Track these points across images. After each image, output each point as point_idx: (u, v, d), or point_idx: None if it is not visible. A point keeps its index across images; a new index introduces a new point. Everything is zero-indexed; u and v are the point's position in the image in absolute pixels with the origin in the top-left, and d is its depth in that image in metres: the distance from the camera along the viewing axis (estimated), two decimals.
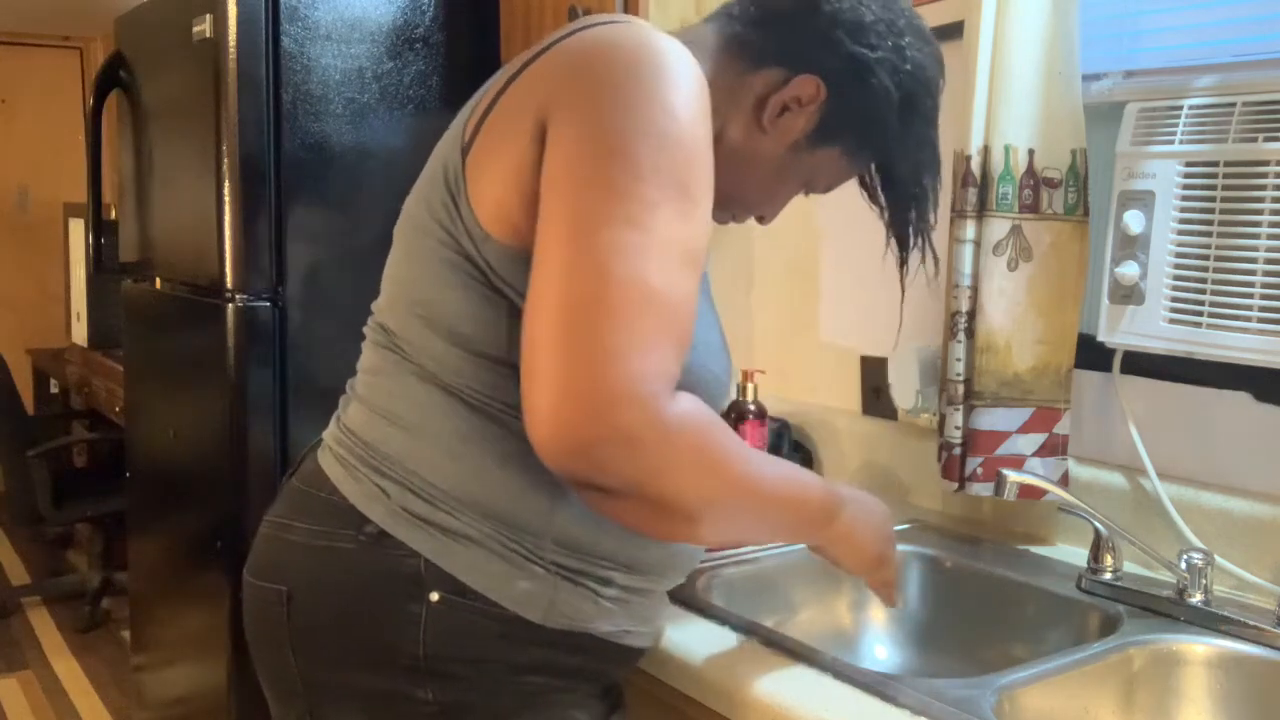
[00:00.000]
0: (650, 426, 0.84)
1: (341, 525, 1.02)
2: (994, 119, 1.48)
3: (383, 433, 1.04)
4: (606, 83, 0.91)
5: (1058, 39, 1.45)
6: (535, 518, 1.00)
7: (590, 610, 1.03)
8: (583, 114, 0.91)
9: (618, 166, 0.88)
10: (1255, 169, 1.27)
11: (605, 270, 0.85)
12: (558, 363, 0.84)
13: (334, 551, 1.02)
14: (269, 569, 1.08)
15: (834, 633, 1.50)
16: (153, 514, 2.51)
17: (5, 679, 3.58)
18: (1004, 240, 1.49)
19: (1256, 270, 1.28)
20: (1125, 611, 1.29)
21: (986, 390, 1.51)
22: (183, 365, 2.26)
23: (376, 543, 1.00)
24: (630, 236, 0.86)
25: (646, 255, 0.86)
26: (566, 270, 0.86)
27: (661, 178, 0.88)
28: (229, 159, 2.00)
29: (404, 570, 0.99)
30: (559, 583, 1.01)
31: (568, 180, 0.90)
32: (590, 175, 0.89)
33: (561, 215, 0.88)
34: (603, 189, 0.88)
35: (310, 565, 1.04)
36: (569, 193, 0.89)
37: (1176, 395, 1.45)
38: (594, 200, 0.88)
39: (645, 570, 1.07)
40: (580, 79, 0.93)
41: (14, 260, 5.62)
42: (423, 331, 1.02)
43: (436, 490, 1.00)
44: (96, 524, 4.01)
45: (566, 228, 0.88)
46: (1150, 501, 1.44)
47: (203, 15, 2.03)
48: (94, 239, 2.55)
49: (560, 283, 0.86)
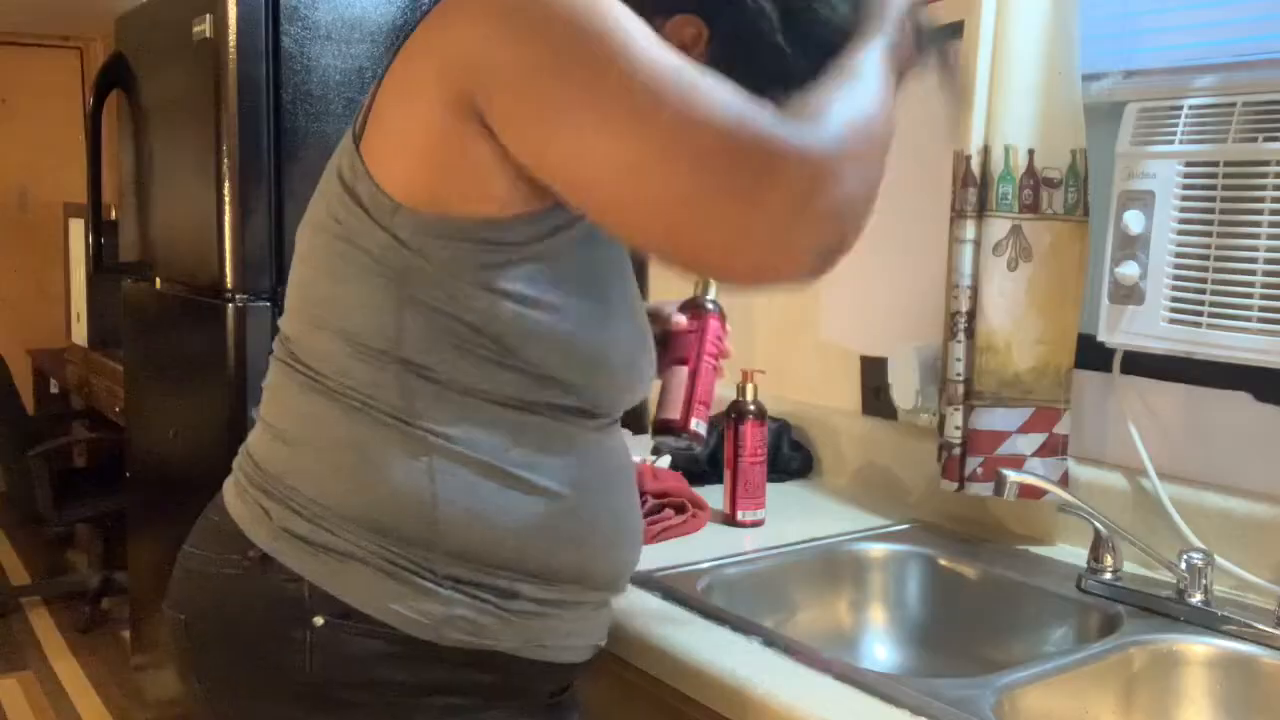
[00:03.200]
0: (823, 153, 0.83)
1: (229, 550, 0.99)
2: (994, 119, 1.48)
3: (269, 449, 1.01)
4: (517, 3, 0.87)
5: (1058, 39, 1.45)
6: (421, 529, 0.94)
7: (494, 627, 0.97)
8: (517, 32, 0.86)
9: (585, 39, 0.84)
10: (1255, 169, 1.27)
11: (657, 105, 0.82)
12: (717, 202, 0.82)
13: (222, 578, 1.00)
14: (172, 596, 1.06)
15: (834, 633, 1.50)
16: (153, 514, 2.51)
17: (5, 679, 3.58)
18: (1004, 240, 1.49)
19: (1256, 270, 1.28)
20: (1125, 611, 1.29)
21: (986, 390, 1.51)
22: (183, 365, 2.26)
23: (259, 567, 0.97)
24: (644, 70, 0.83)
25: (668, 70, 0.84)
26: (635, 130, 0.83)
27: (620, 22, 0.85)
28: (229, 159, 2.00)
29: (287, 595, 0.95)
30: (454, 598, 0.95)
31: (553, 85, 0.85)
32: (572, 65, 0.85)
33: (575, 115, 0.84)
34: (592, 61, 0.84)
35: (203, 593, 1.02)
36: (564, 93, 0.85)
37: (1176, 395, 1.45)
38: (591, 75, 0.84)
39: (560, 579, 1.00)
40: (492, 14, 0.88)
41: (14, 260, 5.62)
42: (314, 332, 0.99)
43: (318, 507, 0.96)
44: (96, 524, 4.01)
45: (591, 118, 0.84)
46: (1150, 501, 1.44)
47: (203, 15, 2.03)
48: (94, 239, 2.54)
49: (640, 148, 0.83)
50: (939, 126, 1.46)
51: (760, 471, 1.65)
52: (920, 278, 1.72)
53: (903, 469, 1.78)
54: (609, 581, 1.07)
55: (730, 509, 1.64)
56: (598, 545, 1.03)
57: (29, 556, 4.74)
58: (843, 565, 1.53)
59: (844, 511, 1.71)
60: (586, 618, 1.05)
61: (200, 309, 2.12)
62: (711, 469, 1.81)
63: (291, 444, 0.99)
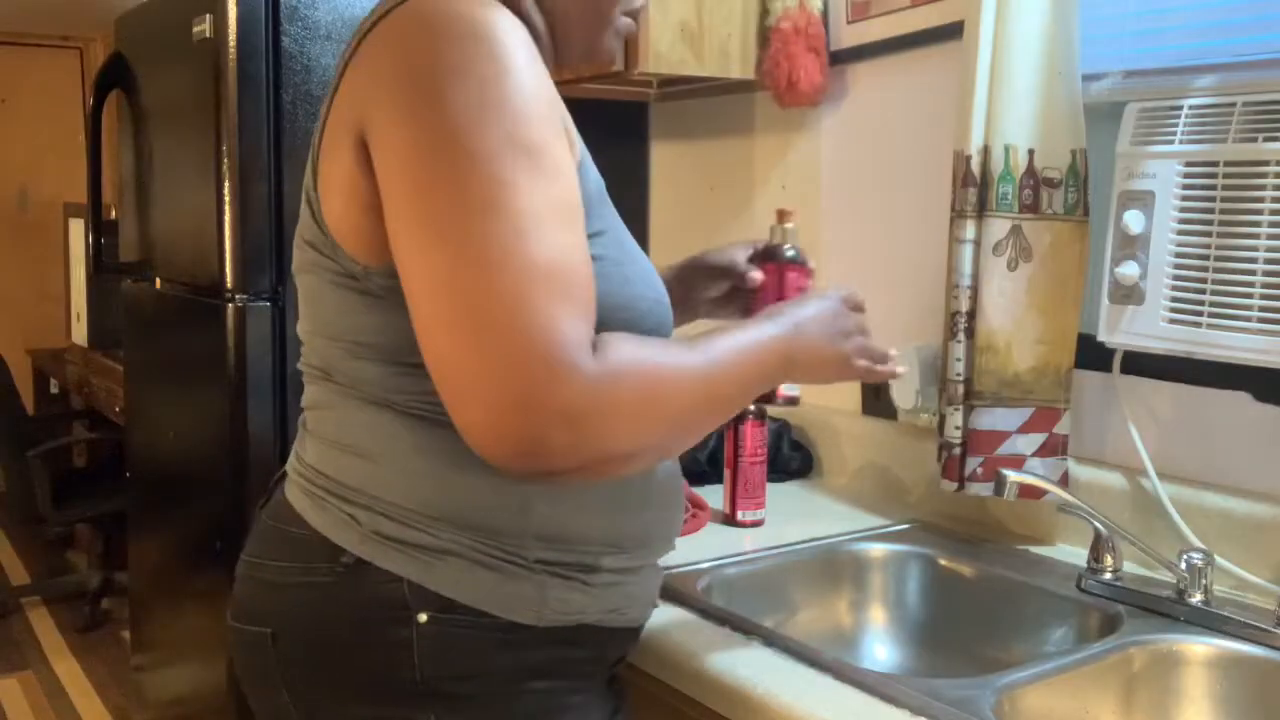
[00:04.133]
0: (585, 395, 0.82)
1: (316, 559, 0.99)
2: (994, 119, 1.48)
3: (341, 464, 1.01)
4: (416, 71, 0.86)
5: (1058, 39, 1.45)
6: (509, 518, 0.97)
7: (582, 600, 1.01)
8: (402, 111, 0.86)
9: (457, 156, 0.84)
10: (1255, 169, 1.27)
11: (485, 265, 0.82)
12: (473, 373, 0.82)
13: (313, 587, 0.99)
14: (250, 612, 1.05)
15: (834, 633, 1.50)
16: (153, 514, 2.51)
17: (5, 679, 3.58)
18: (1004, 240, 1.49)
19: (1256, 270, 1.27)
20: (1125, 611, 1.29)
21: (986, 390, 1.51)
22: (183, 365, 2.26)
23: (354, 572, 0.97)
24: (496, 223, 0.82)
25: (520, 234, 0.82)
26: (446, 278, 0.83)
27: (504, 149, 0.84)
28: (229, 159, 2.00)
29: (387, 596, 0.95)
30: (547, 580, 0.98)
31: (411, 187, 0.86)
32: (433, 175, 0.84)
33: (419, 224, 0.85)
34: (451, 185, 0.84)
35: (291, 603, 1.01)
36: (417, 199, 0.85)
37: (1176, 395, 1.45)
38: (447, 200, 0.84)
39: (631, 547, 1.04)
40: (385, 75, 0.89)
41: (14, 260, 5.62)
42: (351, 361, 0.99)
43: (406, 510, 0.97)
44: (96, 524, 4.01)
45: (429, 236, 0.84)
46: (1150, 501, 1.44)
47: (203, 15, 2.03)
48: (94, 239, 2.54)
49: (444, 293, 0.83)
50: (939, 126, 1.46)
51: (760, 471, 1.65)
52: (920, 278, 1.72)
53: (903, 469, 1.78)
54: (665, 541, 1.11)
55: (730, 509, 1.64)
56: (657, 508, 1.07)
57: (29, 556, 4.74)
58: (843, 565, 1.53)
59: (844, 511, 1.71)
60: (649, 579, 1.10)
61: (200, 309, 2.12)
62: (711, 469, 1.81)
63: (366, 457, 0.99)
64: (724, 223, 2.21)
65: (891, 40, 1.80)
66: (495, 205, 0.83)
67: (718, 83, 2.03)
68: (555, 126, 0.89)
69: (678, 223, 2.33)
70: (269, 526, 1.06)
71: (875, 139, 1.86)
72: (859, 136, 1.90)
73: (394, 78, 0.88)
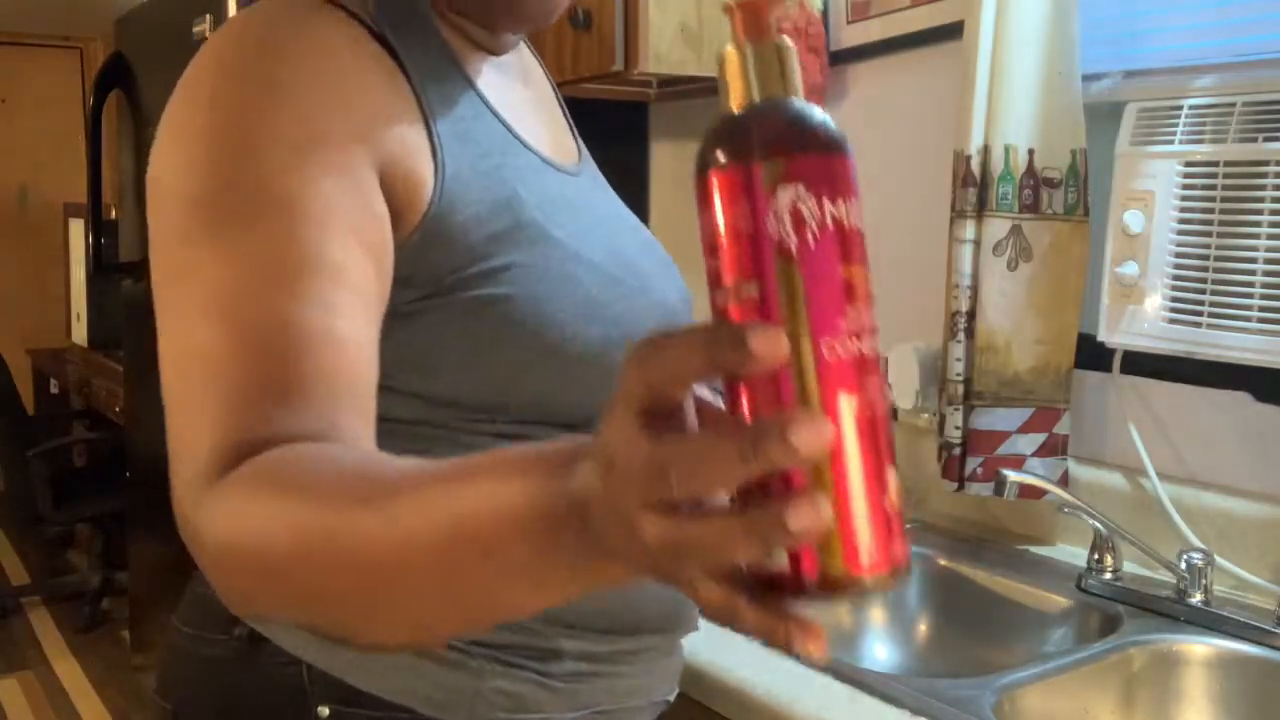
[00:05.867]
0: (185, 529, 0.62)
1: (213, 626, 0.83)
2: (994, 119, 1.48)
3: None
4: (172, 101, 0.74)
5: (1058, 39, 1.45)
6: None
7: (538, 697, 0.80)
8: (169, 154, 0.73)
9: (165, 201, 0.70)
10: (1255, 169, 1.27)
11: (164, 343, 0.68)
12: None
13: (210, 661, 0.84)
14: (160, 680, 0.90)
15: (834, 633, 1.50)
16: (153, 514, 2.51)
17: (5, 679, 3.58)
18: (1004, 240, 1.49)
19: (1256, 270, 1.27)
20: (1125, 611, 1.29)
21: (986, 390, 1.51)
22: None
23: (250, 647, 0.81)
24: (172, 295, 0.68)
25: (182, 313, 0.66)
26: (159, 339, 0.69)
27: (219, 196, 0.67)
28: None
29: (284, 680, 0.79)
30: (485, 668, 0.79)
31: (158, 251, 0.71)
32: (151, 226, 0.72)
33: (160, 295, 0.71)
34: (157, 239, 0.70)
35: (189, 677, 0.86)
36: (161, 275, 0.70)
37: (1176, 395, 1.45)
38: (154, 257, 0.70)
39: (605, 627, 0.82)
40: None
41: (14, 260, 5.62)
42: None
43: None
44: (96, 524, 4.01)
45: (160, 309, 0.70)
46: (1150, 501, 1.44)
47: (203, 15, 2.03)
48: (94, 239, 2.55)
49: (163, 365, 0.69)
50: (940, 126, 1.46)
51: None
52: (920, 278, 1.72)
53: (903, 469, 1.77)
54: (668, 619, 0.87)
55: None
56: None
57: (29, 556, 4.74)
58: None
59: None
60: (652, 669, 0.87)
61: None
62: None
63: None
64: None
65: (891, 40, 1.80)
66: (179, 272, 0.68)
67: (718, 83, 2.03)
68: (318, 166, 0.69)
69: (678, 223, 2.33)
70: (192, 577, 0.89)
71: (875, 139, 1.86)
72: (859, 136, 1.90)
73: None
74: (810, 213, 0.42)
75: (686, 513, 0.40)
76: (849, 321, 0.43)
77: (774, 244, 0.42)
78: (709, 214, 0.44)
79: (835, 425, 0.42)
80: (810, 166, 0.43)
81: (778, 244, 0.42)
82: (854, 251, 0.43)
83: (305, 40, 0.72)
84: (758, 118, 0.44)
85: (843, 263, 0.43)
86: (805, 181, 0.42)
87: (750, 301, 0.42)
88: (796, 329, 0.42)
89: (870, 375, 0.43)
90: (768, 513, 0.39)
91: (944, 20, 1.68)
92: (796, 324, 0.42)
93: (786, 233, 0.42)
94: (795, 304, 0.42)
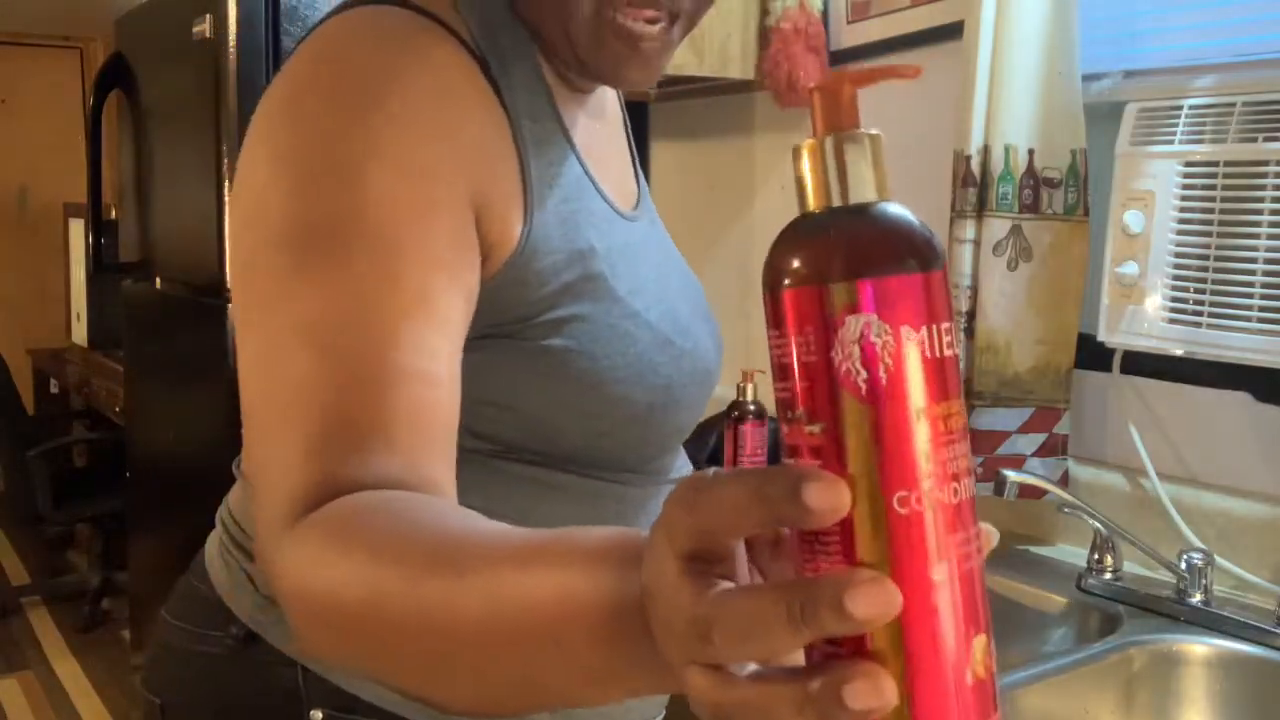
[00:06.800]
0: (267, 568, 0.60)
1: (211, 624, 0.83)
2: (994, 119, 1.48)
3: (243, 503, 0.85)
4: (263, 103, 0.72)
5: (1058, 39, 1.45)
6: None
7: None
8: (239, 165, 0.72)
9: (256, 228, 0.68)
10: (1255, 169, 1.27)
11: (246, 376, 0.66)
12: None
13: (204, 658, 0.83)
14: (149, 675, 0.90)
15: None
16: (153, 514, 2.51)
17: (5, 679, 3.58)
18: (1004, 240, 1.49)
19: (1256, 270, 1.27)
20: (1125, 611, 1.29)
21: (987, 390, 1.51)
22: (183, 365, 2.26)
23: (246, 647, 0.80)
24: (264, 319, 0.65)
25: (274, 339, 0.64)
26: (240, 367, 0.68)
27: (313, 221, 0.65)
28: (229, 159, 2.00)
29: (279, 683, 0.79)
30: None
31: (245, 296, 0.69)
32: (240, 240, 0.70)
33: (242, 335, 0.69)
34: (249, 258, 0.68)
35: (184, 674, 0.86)
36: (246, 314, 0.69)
37: (1176, 395, 1.45)
38: (244, 275, 0.69)
39: None
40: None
41: (14, 260, 5.62)
42: None
43: None
44: (96, 524, 4.01)
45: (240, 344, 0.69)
46: (1150, 501, 1.44)
47: (203, 15, 2.03)
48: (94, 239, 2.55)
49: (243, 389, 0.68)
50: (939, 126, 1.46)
51: None
52: None
53: None
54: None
55: None
56: None
57: (29, 556, 4.74)
58: None
59: None
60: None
61: (200, 309, 2.12)
62: None
63: None
64: (724, 223, 2.21)
65: (891, 40, 1.80)
66: (278, 298, 0.65)
67: (718, 83, 2.03)
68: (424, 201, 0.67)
69: (678, 223, 2.33)
70: (185, 573, 0.91)
71: None
72: None
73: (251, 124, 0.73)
74: (885, 345, 0.37)
75: (737, 675, 0.37)
76: (931, 468, 0.37)
77: (841, 381, 0.37)
78: (776, 332, 0.39)
79: (908, 590, 0.36)
80: (889, 290, 0.37)
81: (846, 381, 0.37)
82: (942, 386, 0.38)
83: (417, 64, 0.70)
84: (835, 228, 0.39)
85: (926, 401, 0.37)
86: (882, 307, 0.37)
87: (815, 443, 0.38)
88: (866, 478, 0.37)
89: (955, 531, 0.38)
90: (824, 686, 0.35)
91: (944, 20, 1.68)
92: (866, 473, 0.37)
93: (856, 368, 0.37)
94: (864, 451, 0.37)
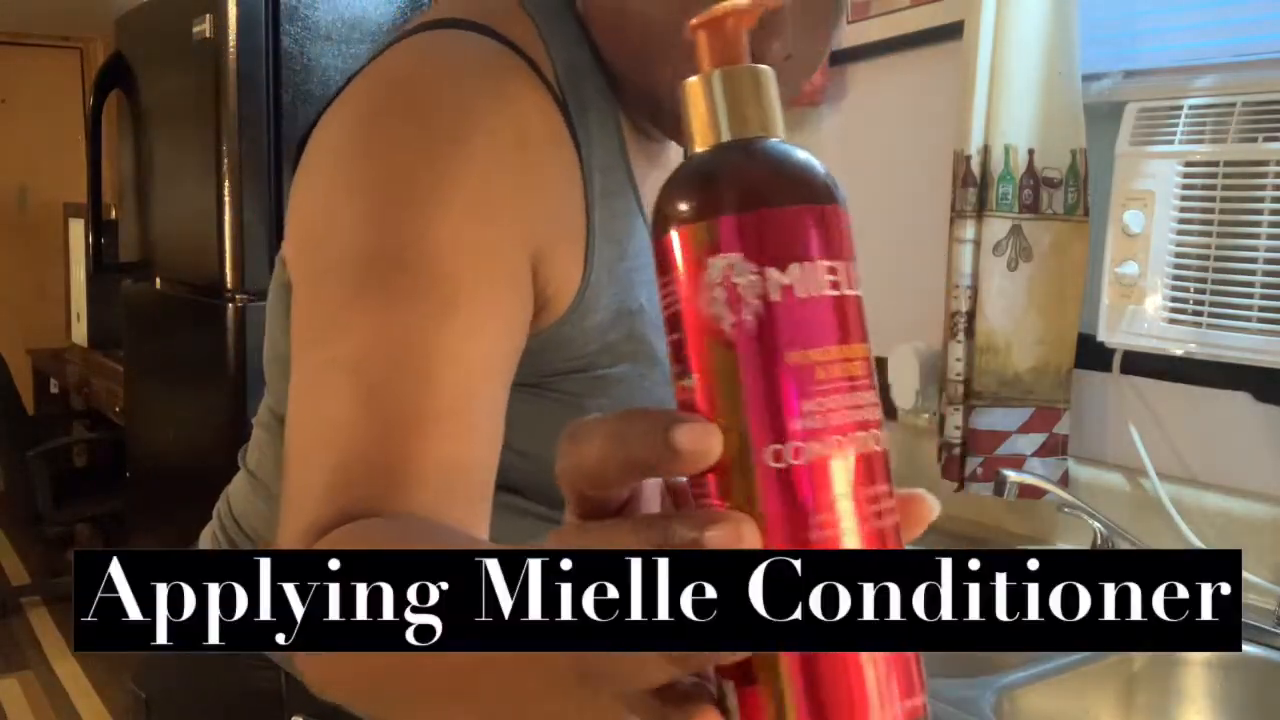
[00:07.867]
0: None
1: None
2: (994, 119, 1.48)
3: (248, 501, 0.85)
4: (329, 135, 0.71)
5: (1058, 39, 1.45)
6: None
7: None
8: (303, 174, 0.71)
9: (323, 252, 0.66)
10: (1255, 169, 1.27)
11: (295, 403, 0.64)
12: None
13: (189, 656, 0.82)
14: (137, 669, 0.90)
15: None
16: (153, 514, 2.51)
17: (5, 679, 3.57)
18: (1004, 240, 1.49)
19: (1256, 270, 1.27)
20: None
21: (986, 390, 1.51)
22: (183, 365, 2.26)
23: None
24: (318, 350, 0.64)
25: (323, 372, 0.63)
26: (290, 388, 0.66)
27: (378, 260, 0.63)
28: (229, 159, 2.00)
29: (259, 686, 0.79)
30: None
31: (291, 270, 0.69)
32: (302, 266, 0.69)
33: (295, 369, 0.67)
34: (311, 289, 0.67)
35: (169, 670, 0.86)
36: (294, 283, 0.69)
37: (1176, 395, 1.45)
38: (303, 302, 0.67)
39: None
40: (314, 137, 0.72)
41: (14, 260, 5.62)
42: (279, 379, 0.83)
43: None
44: (96, 524, 4.01)
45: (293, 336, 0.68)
46: (1150, 501, 1.44)
47: (203, 15, 2.03)
48: (94, 239, 2.55)
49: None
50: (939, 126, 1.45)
51: None
52: (920, 278, 1.72)
53: (903, 469, 1.77)
54: None
55: None
56: None
57: (29, 556, 4.74)
58: None
59: None
60: None
61: (200, 309, 2.12)
62: None
63: (273, 501, 0.82)
64: None
65: (891, 40, 1.80)
66: (334, 331, 0.63)
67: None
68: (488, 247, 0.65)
69: None
70: None
71: (875, 139, 1.86)
72: (859, 136, 1.90)
73: (315, 141, 0.72)
74: (749, 285, 0.33)
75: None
76: (814, 419, 0.33)
77: (706, 327, 0.34)
78: (661, 281, 0.35)
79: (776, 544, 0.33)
80: (753, 226, 0.33)
81: (710, 327, 0.34)
82: (825, 330, 0.33)
83: (500, 103, 0.67)
84: (704, 166, 0.35)
85: (803, 347, 0.33)
86: (748, 246, 0.33)
87: (688, 398, 0.34)
88: (735, 430, 0.33)
89: (856, 487, 0.34)
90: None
91: (944, 20, 1.69)
92: (735, 424, 0.33)
93: (720, 313, 0.33)
94: (733, 400, 0.33)
